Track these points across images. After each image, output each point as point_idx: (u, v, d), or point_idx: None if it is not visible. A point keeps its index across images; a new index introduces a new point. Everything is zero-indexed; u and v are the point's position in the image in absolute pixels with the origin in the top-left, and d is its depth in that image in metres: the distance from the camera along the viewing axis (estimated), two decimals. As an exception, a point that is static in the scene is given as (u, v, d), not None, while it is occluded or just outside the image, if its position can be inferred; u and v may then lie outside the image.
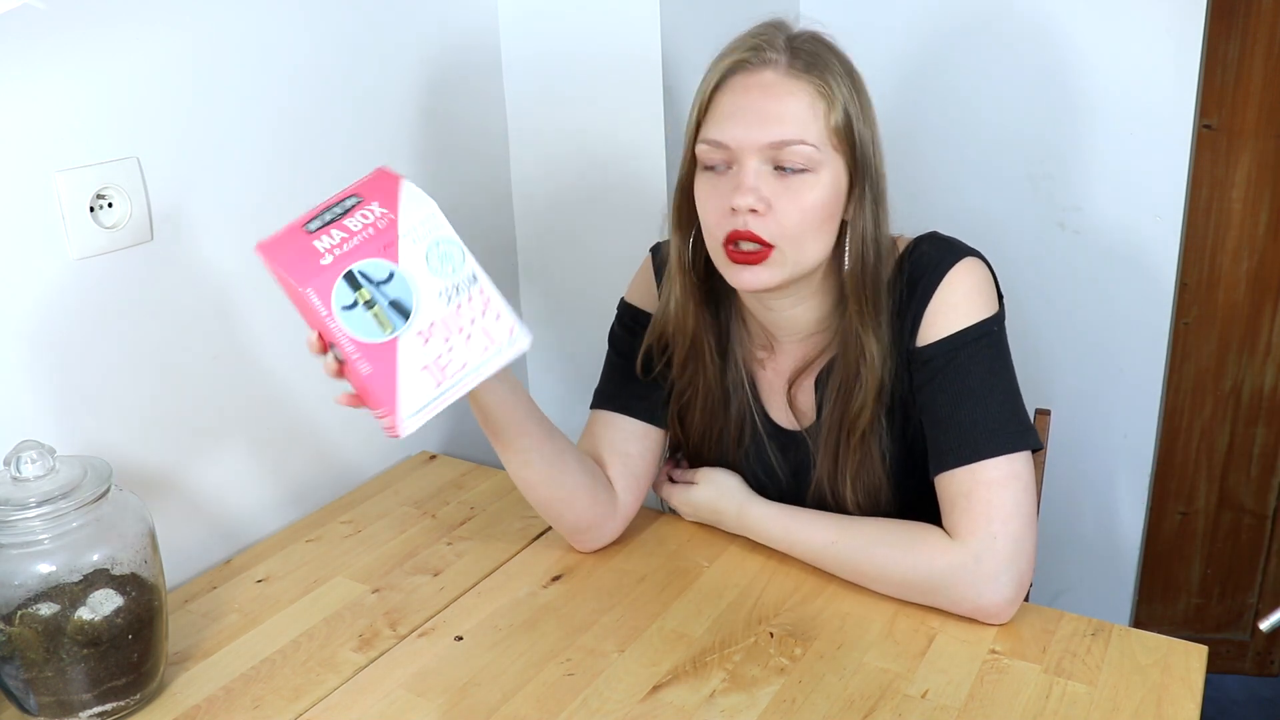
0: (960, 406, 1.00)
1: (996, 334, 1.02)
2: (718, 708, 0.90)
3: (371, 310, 0.84)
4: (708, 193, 1.00)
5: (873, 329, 1.02)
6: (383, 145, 1.36)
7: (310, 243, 0.84)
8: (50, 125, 0.99)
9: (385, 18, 1.33)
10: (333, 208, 0.86)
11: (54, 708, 0.89)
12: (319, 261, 0.83)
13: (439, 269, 0.86)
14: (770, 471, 1.14)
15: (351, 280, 0.83)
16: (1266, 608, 1.87)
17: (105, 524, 0.89)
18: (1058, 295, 1.67)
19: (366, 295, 0.83)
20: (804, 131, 0.95)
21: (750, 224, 0.96)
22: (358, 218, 0.85)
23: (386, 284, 0.84)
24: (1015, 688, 0.92)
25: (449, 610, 1.07)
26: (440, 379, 0.86)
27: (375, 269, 0.84)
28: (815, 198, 0.97)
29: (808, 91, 0.96)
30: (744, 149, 0.96)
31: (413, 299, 0.85)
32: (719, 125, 0.97)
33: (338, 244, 0.84)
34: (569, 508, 1.09)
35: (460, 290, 0.87)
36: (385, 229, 0.85)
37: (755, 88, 0.97)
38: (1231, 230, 1.76)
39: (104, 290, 1.06)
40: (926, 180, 1.70)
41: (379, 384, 0.85)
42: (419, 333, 0.85)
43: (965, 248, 1.04)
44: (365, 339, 0.84)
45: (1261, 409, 1.85)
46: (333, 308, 0.83)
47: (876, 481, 1.08)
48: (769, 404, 1.14)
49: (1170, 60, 1.51)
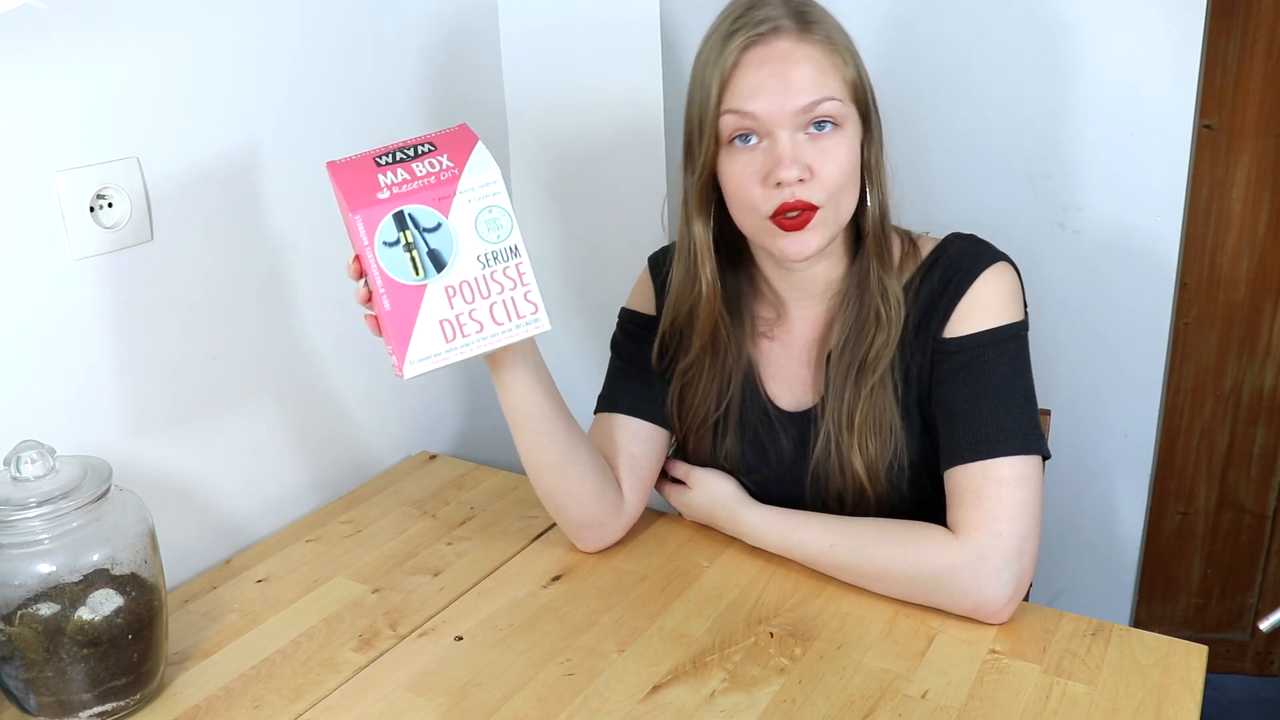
0: (982, 403, 1.00)
1: (1022, 339, 1.04)
2: (718, 708, 0.90)
3: (410, 253, 0.88)
4: (741, 170, 1.00)
5: (891, 270, 1.05)
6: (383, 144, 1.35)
7: (375, 175, 0.89)
8: (50, 125, 1.00)
9: (384, 12, 1.33)
10: (407, 149, 0.91)
11: (54, 708, 0.89)
12: (376, 194, 0.88)
13: (485, 234, 0.90)
14: (772, 448, 1.14)
15: (400, 220, 0.88)
16: (1266, 608, 1.87)
17: (105, 524, 0.89)
18: (1057, 295, 1.67)
19: (409, 238, 0.88)
20: (829, 89, 0.98)
21: (798, 193, 0.98)
22: (426, 164, 0.90)
23: (432, 233, 0.89)
24: (1015, 688, 0.92)
25: (449, 610, 1.07)
26: (454, 335, 0.90)
27: (425, 216, 0.88)
28: (847, 151, 0.99)
29: (821, 50, 0.99)
30: (776, 120, 0.97)
31: (451, 253, 0.89)
32: (745, 99, 0.98)
33: (399, 183, 0.89)
34: (574, 499, 1.09)
35: (498, 259, 0.91)
36: (446, 181, 0.89)
37: (774, 58, 0.98)
38: (1231, 230, 1.76)
39: (104, 290, 1.06)
40: (927, 180, 1.70)
41: (396, 323, 0.89)
42: (448, 286, 0.89)
43: (1000, 251, 1.06)
44: (396, 277, 0.88)
45: (1261, 409, 1.85)
46: (375, 240, 0.88)
47: (885, 439, 1.06)
48: (773, 381, 1.14)
49: (1170, 60, 1.51)
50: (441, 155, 0.90)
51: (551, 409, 1.04)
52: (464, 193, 0.89)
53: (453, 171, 0.89)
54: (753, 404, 1.14)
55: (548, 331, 0.93)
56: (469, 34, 1.46)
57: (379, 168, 0.90)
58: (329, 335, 1.31)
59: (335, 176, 0.91)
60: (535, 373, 1.02)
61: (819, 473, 1.10)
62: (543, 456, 1.06)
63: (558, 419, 1.05)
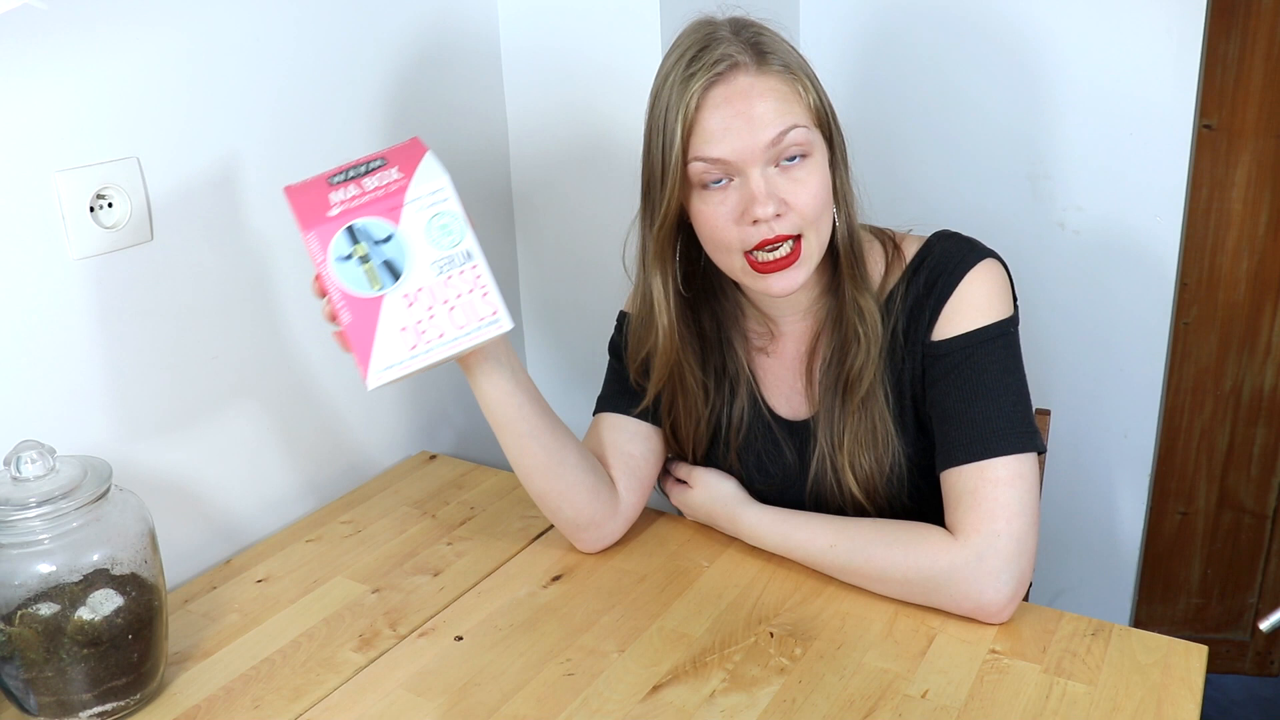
0: (973, 403, 1.00)
1: (1012, 335, 1.03)
2: (718, 708, 0.91)
3: (365, 266, 0.89)
4: (714, 210, 0.99)
5: (865, 288, 1.04)
6: (383, 144, 1.36)
7: (327, 194, 0.91)
8: (50, 125, 1.00)
9: (383, 15, 1.33)
10: (359, 165, 0.93)
11: (54, 708, 0.89)
12: (327, 212, 0.89)
13: (437, 240, 0.91)
14: (776, 462, 1.14)
15: (351, 234, 0.89)
16: (1266, 608, 1.88)
17: (105, 524, 0.89)
18: (1058, 295, 1.67)
19: (363, 250, 0.89)
20: (794, 117, 0.97)
21: (776, 228, 0.97)
22: (376, 178, 0.91)
23: (384, 244, 0.90)
24: (1015, 688, 0.92)
25: (449, 610, 1.07)
26: (415, 342, 0.91)
27: (376, 228, 0.89)
28: (819, 179, 0.99)
29: (781, 80, 0.98)
30: (746, 159, 0.96)
31: (406, 262, 0.90)
32: (713, 143, 0.96)
33: (349, 199, 0.90)
34: (567, 502, 1.09)
35: (453, 263, 0.91)
36: (395, 193, 0.90)
37: (737, 96, 0.96)
38: (1231, 230, 1.76)
39: (104, 290, 1.06)
40: (926, 180, 1.70)
41: (358, 335, 0.90)
42: (405, 295, 0.90)
43: (985, 248, 1.05)
44: (353, 291, 0.90)
45: (1261, 409, 1.85)
46: (329, 255, 0.89)
47: (881, 452, 1.07)
48: (772, 394, 1.14)
49: (1170, 60, 1.51)
50: (391, 168, 0.91)
51: (533, 411, 1.04)
52: (412, 202, 0.90)
53: (400, 182, 0.90)
54: (756, 416, 1.14)
55: (512, 330, 0.94)
56: (469, 36, 1.46)
57: (331, 186, 0.91)
58: (329, 335, 1.31)
59: (291, 199, 0.92)
60: (511, 375, 1.02)
61: (816, 490, 1.11)
62: (530, 459, 1.06)
63: (540, 420, 1.04)
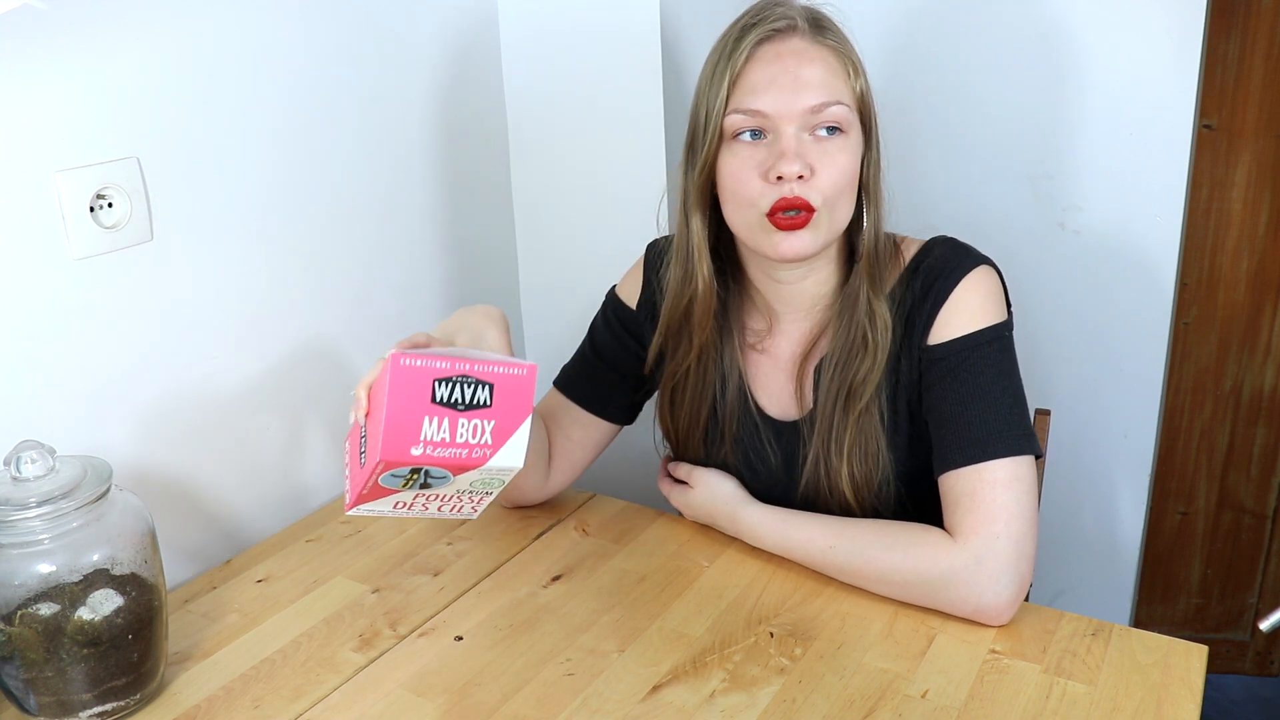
0: (969, 406, 1.00)
1: (1007, 339, 1.03)
2: (718, 708, 0.90)
3: (406, 479, 0.87)
4: (743, 163, 1.00)
5: (882, 293, 1.05)
6: (384, 144, 1.36)
7: (423, 416, 0.84)
8: (50, 125, 1.00)
9: (385, 11, 1.33)
10: (466, 385, 0.85)
11: (54, 708, 0.89)
12: (410, 449, 0.84)
13: (475, 486, 0.91)
14: (762, 461, 1.14)
15: (416, 470, 0.86)
16: (1266, 608, 1.87)
17: (105, 524, 0.89)
18: (1058, 295, 1.67)
19: (415, 478, 0.87)
20: (838, 93, 0.98)
21: (796, 190, 0.97)
22: (470, 427, 0.85)
23: (435, 478, 0.88)
24: (1015, 688, 0.92)
25: (449, 610, 1.07)
26: (404, 509, 0.92)
27: (437, 472, 0.87)
28: (848, 159, 0.99)
29: (834, 56, 0.99)
30: (783, 116, 0.97)
31: (439, 485, 0.89)
32: (755, 95, 0.98)
33: (437, 443, 0.85)
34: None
35: (474, 494, 0.92)
36: (475, 460, 0.87)
37: (788, 54, 0.98)
38: (1231, 230, 1.76)
39: (104, 290, 1.06)
40: (926, 180, 1.70)
41: (360, 479, 0.87)
42: (417, 493, 0.90)
43: (980, 255, 1.06)
44: (384, 483, 0.87)
45: (1261, 409, 1.85)
46: (385, 471, 0.85)
47: (871, 465, 1.07)
48: (762, 393, 1.14)
49: (1170, 60, 1.51)
50: (489, 421, 0.86)
51: None
52: (482, 471, 0.88)
53: (486, 451, 0.86)
54: (744, 413, 1.14)
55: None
56: (470, 37, 1.46)
57: (432, 405, 0.84)
58: (329, 335, 1.31)
59: (394, 386, 0.83)
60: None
61: (808, 492, 1.11)
62: None
63: None
